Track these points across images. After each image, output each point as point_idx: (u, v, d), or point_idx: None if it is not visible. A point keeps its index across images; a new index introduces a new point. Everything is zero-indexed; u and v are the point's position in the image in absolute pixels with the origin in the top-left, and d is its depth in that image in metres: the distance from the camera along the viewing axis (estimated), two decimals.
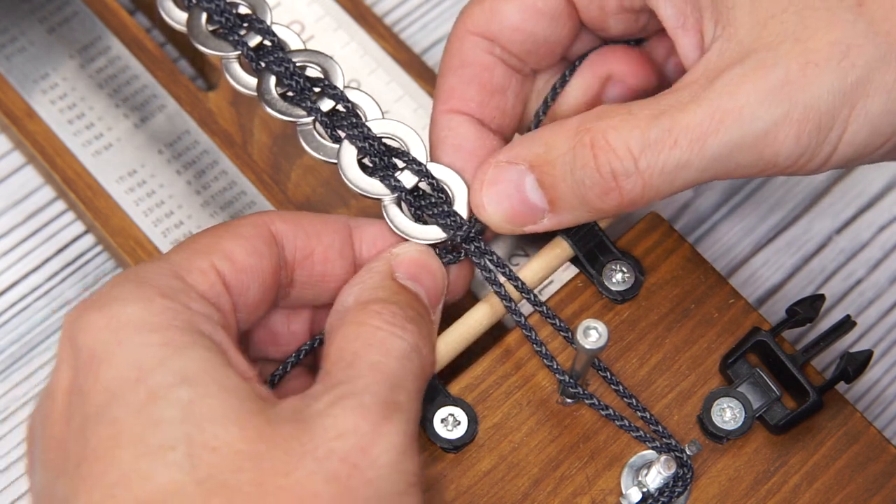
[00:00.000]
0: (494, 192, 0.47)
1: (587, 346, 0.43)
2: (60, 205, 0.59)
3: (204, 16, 0.49)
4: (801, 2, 0.44)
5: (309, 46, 0.49)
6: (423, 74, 0.60)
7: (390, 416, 0.40)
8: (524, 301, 0.48)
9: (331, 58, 0.49)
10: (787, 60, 0.43)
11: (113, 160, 0.58)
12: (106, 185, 0.57)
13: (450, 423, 0.46)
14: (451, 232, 0.47)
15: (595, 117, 0.45)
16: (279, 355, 0.48)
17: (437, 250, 0.48)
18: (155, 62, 0.60)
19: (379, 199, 0.48)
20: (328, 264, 0.47)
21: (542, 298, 0.50)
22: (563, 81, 0.50)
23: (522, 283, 0.47)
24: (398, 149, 0.48)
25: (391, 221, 0.47)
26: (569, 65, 0.51)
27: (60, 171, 0.57)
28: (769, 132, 0.43)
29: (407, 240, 0.47)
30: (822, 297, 0.48)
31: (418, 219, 0.48)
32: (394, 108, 0.59)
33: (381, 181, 0.48)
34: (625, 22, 0.51)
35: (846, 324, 0.48)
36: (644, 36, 0.51)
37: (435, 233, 0.48)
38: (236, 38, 0.49)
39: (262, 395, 0.41)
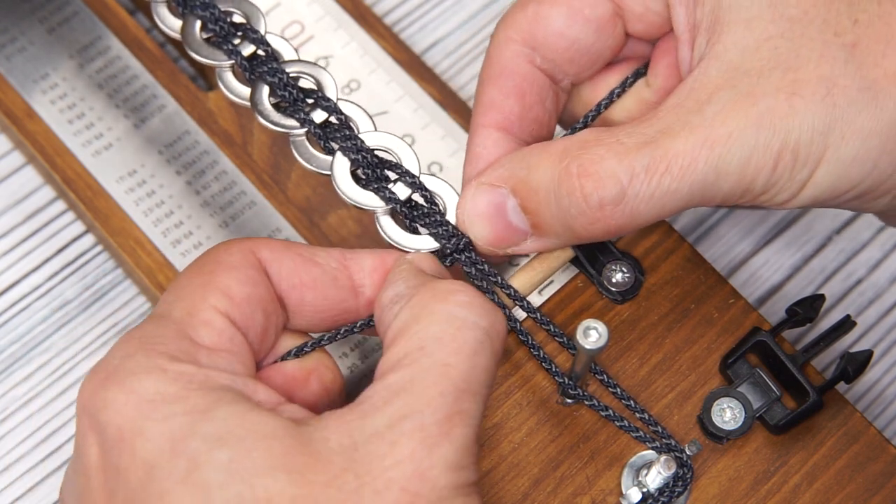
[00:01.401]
0: (476, 215, 0.47)
1: (587, 346, 0.43)
2: (60, 205, 0.59)
3: (198, 24, 0.49)
4: (799, 29, 0.44)
5: (309, 47, 0.49)
6: (423, 74, 0.60)
7: (450, 431, 0.39)
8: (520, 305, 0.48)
9: (324, 69, 0.49)
10: (775, 89, 0.44)
11: (113, 160, 0.58)
12: (106, 185, 0.57)
13: None
14: (444, 242, 0.47)
15: (580, 145, 0.45)
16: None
17: None
18: (155, 62, 0.60)
19: (372, 211, 0.48)
20: (318, 293, 0.45)
21: (543, 298, 0.50)
22: (617, 92, 0.50)
23: (515, 291, 0.47)
24: (391, 161, 0.48)
25: (384, 232, 0.48)
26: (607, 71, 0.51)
27: (60, 171, 0.57)
28: (751, 158, 0.43)
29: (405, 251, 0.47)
30: (822, 297, 0.48)
31: (412, 230, 0.48)
32: (394, 108, 0.59)
33: (374, 193, 0.48)
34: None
35: (846, 324, 0.48)
36: None
37: (427, 243, 0.48)
38: (230, 47, 0.49)
39: (297, 417, 0.40)
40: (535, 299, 0.51)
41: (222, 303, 0.43)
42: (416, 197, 0.48)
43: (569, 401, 0.47)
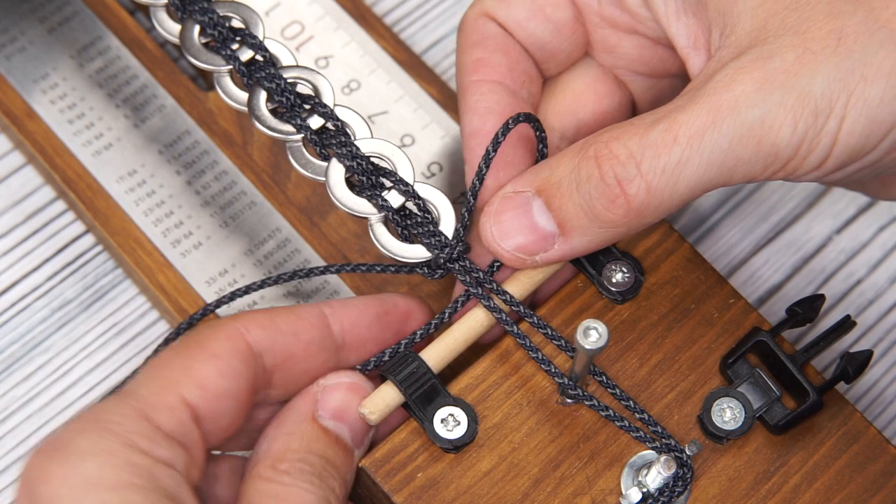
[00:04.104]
0: (502, 221, 0.46)
1: (587, 346, 0.43)
2: (60, 205, 0.59)
3: (196, 28, 0.49)
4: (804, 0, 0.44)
5: (309, 47, 0.49)
6: (423, 74, 0.60)
7: None
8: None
9: (322, 75, 0.49)
10: (783, 51, 0.43)
11: (113, 160, 0.58)
12: (106, 185, 0.57)
13: (450, 423, 0.46)
14: (436, 252, 0.47)
15: (597, 134, 0.45)
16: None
17: (425, 269, 0.48)
18: (155, 62, 0.60)
19: (366, 218, 0.48)
20: (309, 361, 0.46)
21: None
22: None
23: (511, 297, 0.47)
24: (386, 168, 0.48)
25: (377, 240, 0.48)
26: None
27: (60, 171, 0.57)
28: (765, 120, 0.43)
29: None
30: (822, 297, 0.48)
31: (405, 238, 0.48)
32: (394, 107, 0.59)
33: (368, 200, 0.48)
34: (638, 49, 0.50)
35: (846, 324, 0.48)
36: (660, 72, 0.52)
37: (420, 252, 0.48)
38: (228, 52, 0.49)
39: None
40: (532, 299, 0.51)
41: (193, 393, 0.42)
42: (410, 205, 0.48)
43: (569, 401, 0.47)
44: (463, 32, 0.51)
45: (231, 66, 0.49)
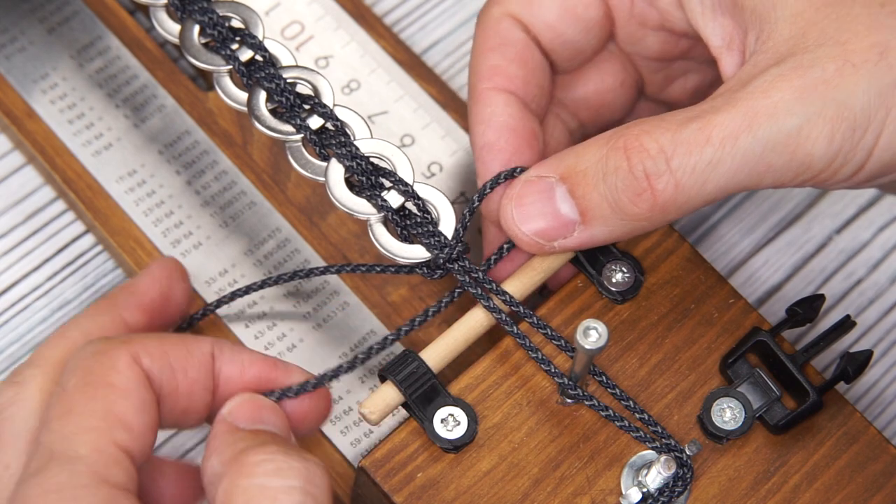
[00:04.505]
0: (524, 205, 0.46)
1: (587, 346, 0.43)
2: (60, 205, 0.59)
3: (196, 28, 0.49)
4: (843, 8, 0.44)
5: (309, 47, 0.49)
6: (423, 74, 0.60)
7: None
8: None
9: (321, 75, 0.49)
10: (824, 61, 0.43)
11: (113, 160, 0.58)
12: (106, 185, 0.57)
13: (450, 423, 0.46)
14: (436, 252, 0.47)
15: (627, 126, 0.45)
16: None
17: (424, 269, 0.48)
18: (155, 62, 0.60)
19: (365, 218, 0.48)
20: (191, 399, 0.44)
21: (543, 297, 0.50)
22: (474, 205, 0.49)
23: (511, 297, 0.47)
24: (385, 168, 0.48)
25: (377, 241, 0.48)
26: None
27: (60, 171, 0.57)
28: (802, 129, 0.43)
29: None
30: (822, 297, 0.48)
31: (404, 238, 0.48)
32: (394, 107, 0.59)
33: (367, 200, 0.48)
34: (662, 42, 0.50)
35: (846, 324, 0.48)
36: (675, 56, 0.52)
37: (419, 252, 0.48)
38: (228, 52, 0.49)
39: None
40: (535, 299, 0.51)
41: (124, 437, 0.41)
42: (410, 205, 0.48)
43: (569, 401, 0.47)
44: (482, 32, 0.50)
45: (231, 66, 0.49)
